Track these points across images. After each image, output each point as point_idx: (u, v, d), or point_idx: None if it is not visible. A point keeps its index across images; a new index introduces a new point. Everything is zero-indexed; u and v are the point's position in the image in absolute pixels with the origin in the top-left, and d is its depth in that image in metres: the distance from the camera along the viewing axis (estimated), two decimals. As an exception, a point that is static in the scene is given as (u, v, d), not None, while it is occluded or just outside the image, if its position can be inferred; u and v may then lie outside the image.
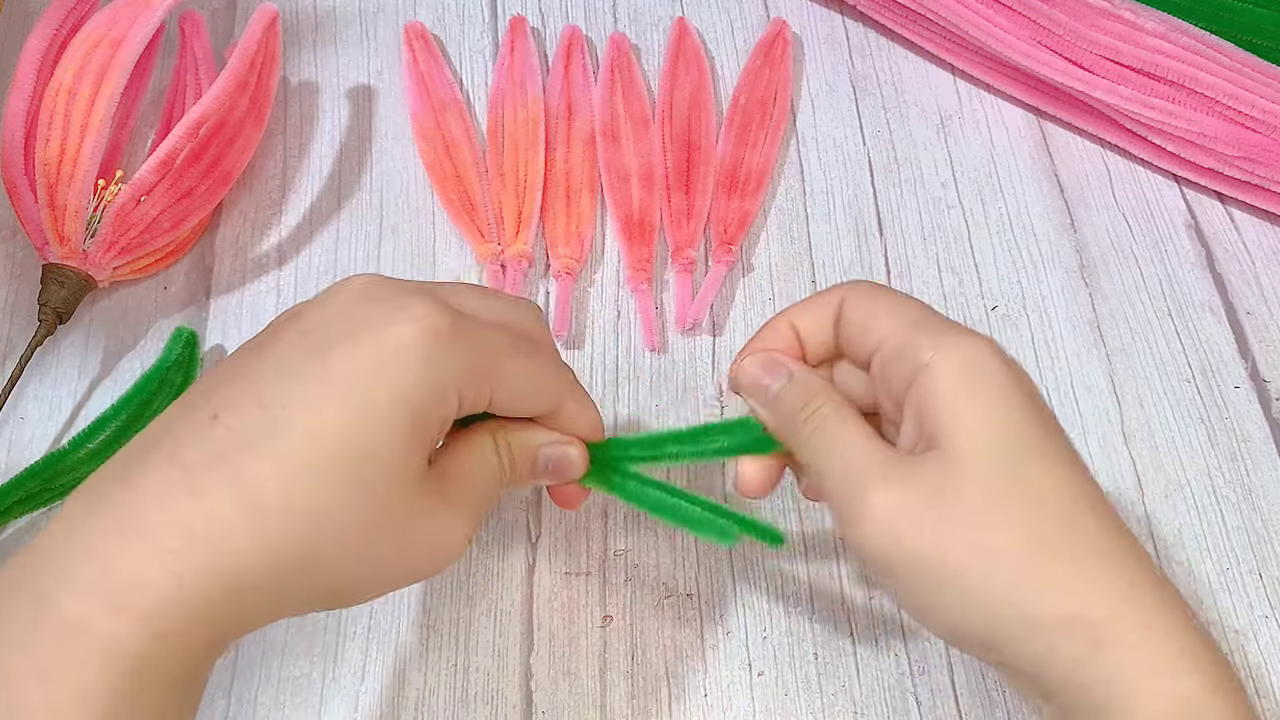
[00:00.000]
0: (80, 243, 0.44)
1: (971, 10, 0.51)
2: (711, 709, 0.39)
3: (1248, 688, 0.40)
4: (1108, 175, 0.52)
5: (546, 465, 0.34)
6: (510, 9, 0.56)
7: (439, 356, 0.29)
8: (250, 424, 0.28)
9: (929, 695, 0.40)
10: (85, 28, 0.46)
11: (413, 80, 0.53)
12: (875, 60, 0.55)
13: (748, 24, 0.56)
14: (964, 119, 0.54)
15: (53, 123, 0.44)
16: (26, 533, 0.42)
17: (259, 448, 0.28)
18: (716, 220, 0.49)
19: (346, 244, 0.49)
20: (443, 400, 0.30)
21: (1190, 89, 0.48)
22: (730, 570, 0.42)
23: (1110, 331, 0.48)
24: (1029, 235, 0.50)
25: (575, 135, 0.51)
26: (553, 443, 0.34)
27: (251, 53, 0.48)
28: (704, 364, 0.46)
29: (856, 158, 0.52)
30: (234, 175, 0.49)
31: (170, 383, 0.44)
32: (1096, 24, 0.48)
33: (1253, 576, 0.42)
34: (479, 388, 0.31)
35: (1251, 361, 0.47)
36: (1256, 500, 0.44)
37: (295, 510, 0.28)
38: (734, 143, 0.51)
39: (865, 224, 0.50)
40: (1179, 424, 0.45)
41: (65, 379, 0.45)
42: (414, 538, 0.30)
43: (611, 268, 0.49)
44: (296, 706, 0.39)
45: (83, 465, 0.42)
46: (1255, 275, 0.49)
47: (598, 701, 0.39)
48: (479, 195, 0.49)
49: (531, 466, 0.34)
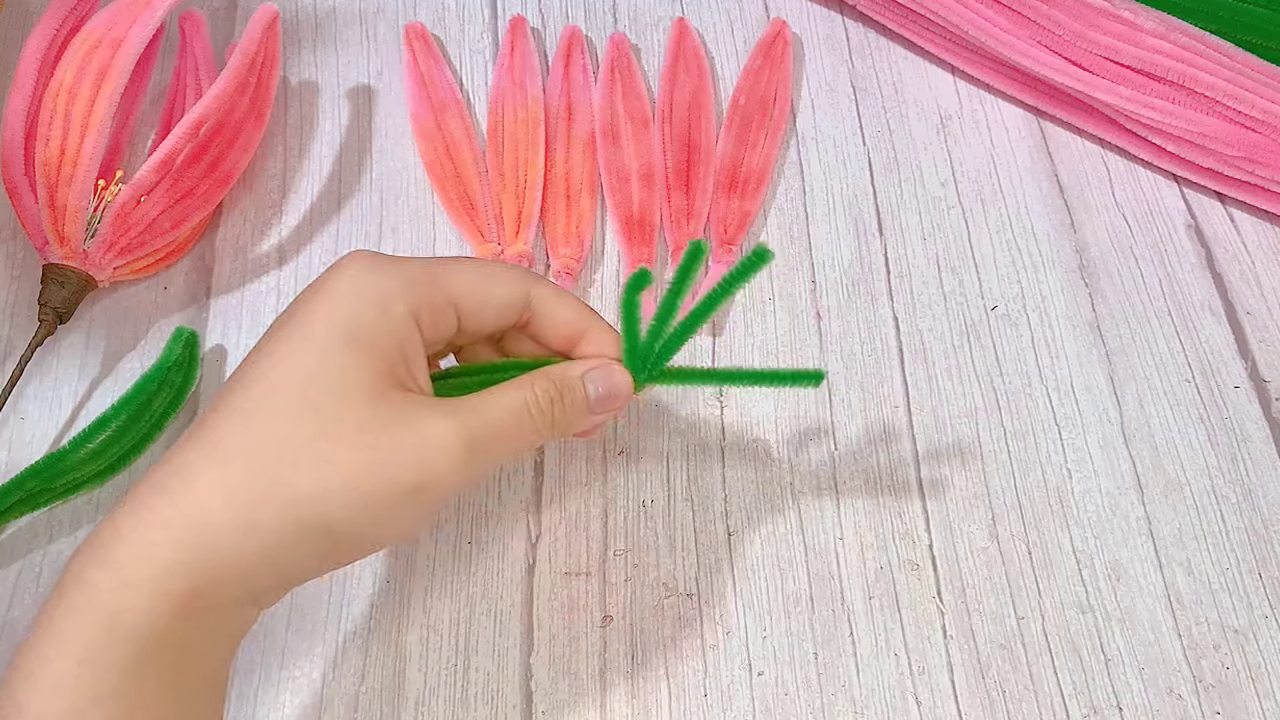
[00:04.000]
0: (80, 243, 0.44)
1: (971, 10, 0.51)
2: (711, 709, 0.39)
3: (1247, 688, 0.40)
4: (1108, 175, 0.52)
5: (597, 391, 0.35)
6: (510, 9, 0.56)
7: (367, 273, 0.32)
8: (223, 392, 0.31)
9: (929, 695, 0.40)
10: (85, 28, 0.46)
11: (413, 80, 0.53)
12: (875, 60, 0.55)
13: (748, 24, 0.56)
14: (964, 119, 0.54)
15: (53, 123, 0.44)
16: (27, 532, 0.42)
17: (220, 404, 0.31)
18: (716, 220, 0.49)
19: (346, 244, 0.49)
20: (385, 312, 0.31)
21: (1190, 89, 0.48)
22: (730, 570, 0.42)
23: (1110, 331, 0.48)
24: (1029, 235, 0.50)
25: (575, 135, 0.51)
26: (590, 367, 0.35)
27: (251, 53, 0.48)
28: (704, 364, 0.46)
29: (856, 158, 0.52)
30: (234, 175, 0.49)
31: (170, 383, 0.44)
32: (1096, 24, 0.48)
33: (1253, 576, 0.42)
34: (433, 295, 0.33)
35: (1251, 361, 0.47)
36: (1256, 500, 0.44)
37: (249, 442, 0.29)
38: (734, 143, 0.51)
39: (865, 224, 0.50)
40: (1179, 424, 0.45)
41: (65, 379, 0.45)
42: (373, 446, 0.30)
43: (611, 268, 0.49)
44: (296, 706, 0.39)
45: (83, 465, 0.42)
46: (1255, 275, 0.49)
47: (598, 701, 0.39)
48: (479, 195, 0.49)
49: (584, 398, 0.34)
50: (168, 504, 0.29)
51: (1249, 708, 0.39)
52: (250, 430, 0.30)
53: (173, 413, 0.44)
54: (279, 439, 0.30)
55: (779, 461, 0.44)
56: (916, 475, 0.44)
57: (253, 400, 0.30)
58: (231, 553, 0.29)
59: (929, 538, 0.43)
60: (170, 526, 0.29)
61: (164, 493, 0.29)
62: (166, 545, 0.28)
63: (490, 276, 0.35)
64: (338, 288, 0.32)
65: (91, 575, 0.28)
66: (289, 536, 0.29)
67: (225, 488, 0.29)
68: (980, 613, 0.41)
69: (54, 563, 0.41)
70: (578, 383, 0.34)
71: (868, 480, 0.44)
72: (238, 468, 0.29)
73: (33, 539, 0.42)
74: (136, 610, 0.28)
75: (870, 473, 0.44)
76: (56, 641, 0.28)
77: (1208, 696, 0.40)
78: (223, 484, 0.29)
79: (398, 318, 0.32)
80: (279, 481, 0.29)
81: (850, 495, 0.43)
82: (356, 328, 0.31)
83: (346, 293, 0.32)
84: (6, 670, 0.28)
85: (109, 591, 0.28)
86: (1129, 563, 0.42)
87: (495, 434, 0.32)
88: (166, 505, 0.29)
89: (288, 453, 0.29)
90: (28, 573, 0.41)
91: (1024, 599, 0.41)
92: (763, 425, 0.45)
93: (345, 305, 0.31)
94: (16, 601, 0.41)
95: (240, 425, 0.30)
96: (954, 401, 0.46)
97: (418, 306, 0.32)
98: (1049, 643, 0.41)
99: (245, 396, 0.30)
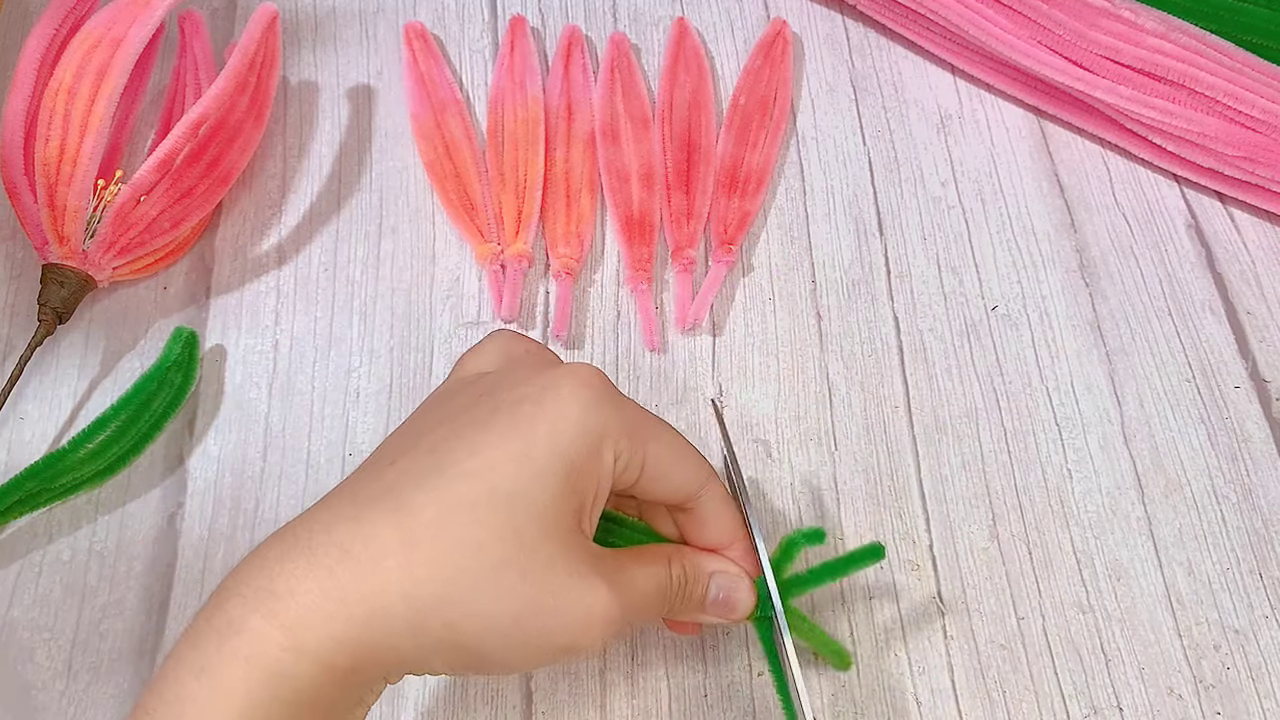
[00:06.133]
0: (80, 243, 0.44)
1: (971, 10, 0.51)
2: (711, 709, 0.39)
3: (1248, 688, 0.40)
4: (1108, 175, 0.52)
5: (718, 595, 0.35)
6: (510, 9, 0.56)
7: (595, 408, 0.31)
8: (419, 466, 0.30)
9: (929, 695, 0.40)
10: (85, 27, 0.46)
11: (413, 80, 0.53)
12: (875, 60, 0.55)
13: (748, 24, 0.56)
14: (964, 119, 0.54)
15: (52, 122, 0.44)
16: (26, 532, 0.42)
17: (422, 484, 0.29)
18: (716, 220, 0.49)
19: (346, 244, 0.49)
20: (596, 452, 0.31)
21: (1190, 89, 0.48)
22: (730, 570, 0.42)
23: (1110, 331, 0.48)
24: (1029, 235, 0.50)
25: (575, 135, 0.51)
26: (725, 571, 0.35)
27: (251, 53, 0.48)
28: (704, 364, 0.46)
29: (856, 158, 0.52)
30: (234, 175, 0.49)
31: (170, 383, 0.44)
32: (1096, 24, 0.48)
33: (1253, 576, 0.42)
34: (632, 449, 0.32)
35: (1251, 361, 0.47)
36: (1256, 500, 0.44)
37: (444, 541, 0.29)
38: (734, 143, 0.51)
39: (865, 224, 0.50)
40: (1179, 424, 0.45)
41: (65, 379, 0.45)
42: (551, 594, 0.30)
43: (611, 268, 0.49)
44: (296, 707, 0.39)
45: (83, 465, 0.42)
46: (1255, 275, 0.49)
47: (598, 701, 0.39)
48: (479, 195, 0.49)
49: (703, 595, 0.35)
50: (351, 576, 0.28)
51: (1249, 708, 0.39)
52: (448, 530, 0.29)
53: (172, 413, 0.44)
54: (473, 550, 0.29)
55: (779, 461, 0.44)
56: (916, 475, 0.44)
57: (457, 498, 0.29)
58: (394, 644, 0.28)
59: (929, 538, 0.43)
60: (349, 605, 0.28)
61: (348, 560, 0.28)
62: (341, 620, 0.28)
63: (682, 456, 0.34)
64: (569, 412, 0.31)
65: (259, 627, 0.27)
66: (445, 647, 0.29)
67: (410, 580, 0.28)
68: (980, 613, 0.41)
69: (54, 563, 0.41)
70: (706, 578, 0.35)
71: (868, 480, 0.44)
72: (425, 562, 0.28)
73: (33, 539, 0.42)
74: (302, 677, 0.27)
75: (870, 473, 0.44)
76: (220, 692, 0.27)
77: (1208, 696, 0.40)
78: (408, 575, 0.28)
79: (605, 463, 0.31)
80: (457, 597, 0.29)
81: (850, 495, 0.43)
82: (574, 461, 0.30)
83: (576, 422, 0.30)
84: (147, 694, 0.28)
85: (279, 650, 0.27)
86: (1129, 563, 0.42)
87: (641, 608, 0.33)
88: (350, 577, 0.28)
89: (476, 570, 0.29)
90: (28, 573, 0.41)
91: (1024, 599, 0.41)
92: (763, 425, 0.45)
93: (570, 434, 0.30)
94: (16, 601, 0.41)
95: (442, 517, 0.29)
96: (954, 401, 0.46)
97: (620, 457, 0.32)
98: (1049, 643, 0.41)
99: (450, 491, 0.29)
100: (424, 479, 0.30)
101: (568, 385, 0.31)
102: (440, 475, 0.30)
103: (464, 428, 0.31)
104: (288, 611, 0.28)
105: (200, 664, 0.27)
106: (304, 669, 0.27)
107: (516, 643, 0.30)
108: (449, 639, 0.29)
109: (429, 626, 0.29)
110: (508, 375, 0.33)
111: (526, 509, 0.29)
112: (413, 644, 0.29)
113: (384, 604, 0.28)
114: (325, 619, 0.28)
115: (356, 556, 0.28)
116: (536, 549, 0.29)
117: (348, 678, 0.28)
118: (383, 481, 0.30)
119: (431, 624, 0.29)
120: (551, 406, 0.31)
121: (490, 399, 0.32)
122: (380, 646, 0.28)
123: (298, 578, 0.28)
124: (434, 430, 0.31)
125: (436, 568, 0.28)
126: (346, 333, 0.47)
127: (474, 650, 0.29)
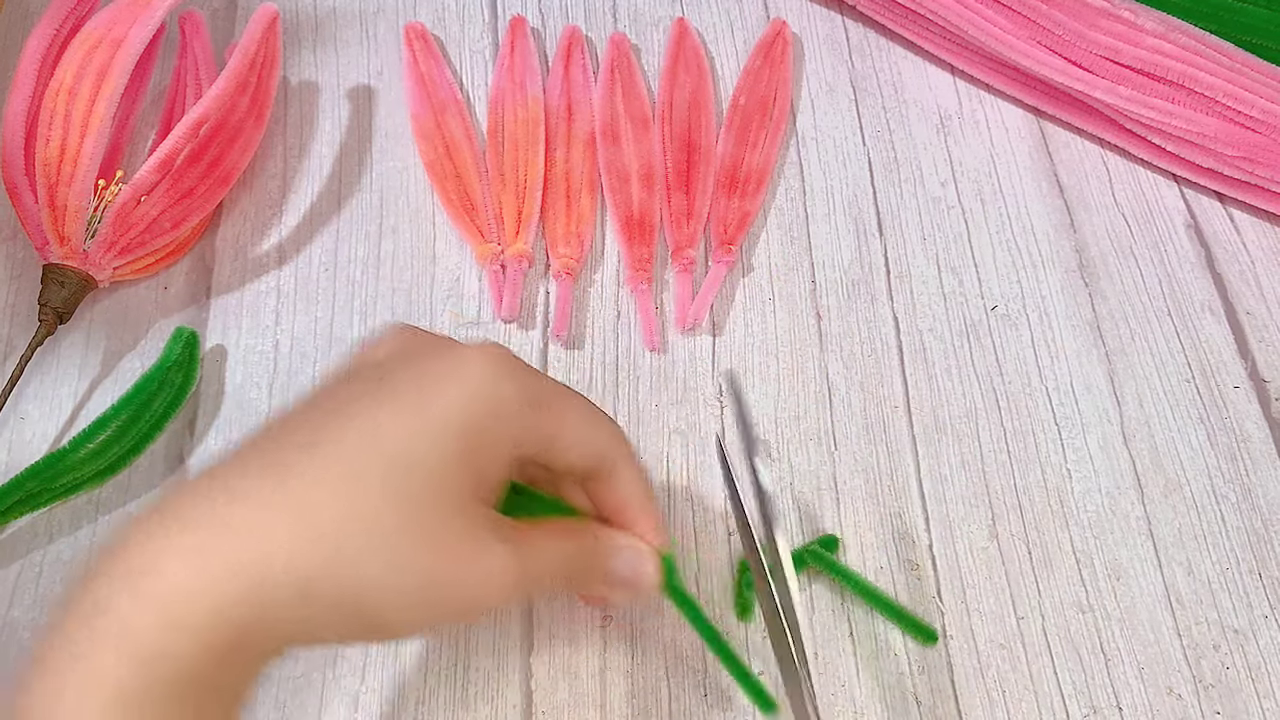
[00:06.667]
0: (80, 243, 0.44)
1: (971, 10, 0.51)
2: (711, 709, 0.39)
3: (1247, 687, 0.40)
4: (1108, 175, 0.52)
5: (623, 569, 0.35)
6: (510, 9, 0.56)
7: (496, 380, 0.31)
8: (310, 438, 0.29)
9: (929, 695, 0.40)
10: (85, 28, 0.46)
11: (413, 80, 0.53)
12: (875, 60, 0.55)
13: (748, 24, 0.56)
14: (964, 119, 0.54)
15: (53, 123, 0.44)
16: (26, 532, 0.42)
17: (313, 453, 0.29)
18: (716, 220, 0.49)
19: (346, 244, 0.49)
20: (497, 420, 0.30)
21: (1189, 89, 0.48)
22: (730, 571, 0.42)
23: (1110, 331, 0.48)
24: (1029, 235, 0.50)
25: (575, 135, 0.51)
26: (631, 547, 0.35)
27: (251, 53, 0.48)
28: (704, 364, 0.46)
29: (856, 158, 0.52)
30: (234, 175, 0.49)
31: (170, 383, 0.44)
32: (1096, 24, 0.48)
33: (1253, 576, 0.42)
34: (539, 417, 0.32)
35: (1251, 361, 0.47)
36: (1256, 500, 0.44)
37: (334, 509, 0.28)
38: (734, 143, 0.51)
39: (865, 224, 0.50)
40: (1179, 424, 0.45)
41: (65, 379, 0.45)
42: (448, 557, 0.29)
43: (611, 268, 0.49)
44: (296, 706, 0.39)
45: (83, 465, 0.42)
46: (1255, 275, 0.49)
47: (598, 701, 0.39)
48: (479, 195, 0.49)
49: (607, 569, 0.34)
50: (232, 548, 0.27)
51: (1249, 708, 0.39)
52: (339, 497, 0.28)
53: (173, 413, 0.44)
54: (365, 516, 0.28)
55: (779, 461, 0.44)
56: (916, 475, 0.44)
57: (347, 464, 0.29)
58: (281, 615, 0.28)
59: (929, 538, 0.43)
60: (228, 577, 0.27)
61: (227, 532, 0.27)
62: (220, 593, 0.27)
63: (593, 422, 0.34)
64: (468, 383, 0.30)
65: (123, 606, 0.26)
66: (338, 614, 0.28)
67: (298, 549, 0.27)
68: (980, 613, 0.41)
69: (54, 563, 0.41)
70: (611, 551, 0.35)
71: (868, 480, 0.44)
72: (314, 531, 0.28)
73: (33, 539, 0.42)
74: (180, 656, 0.26)
75: (870, 473, 0.44)
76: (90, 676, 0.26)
77: (1207, 696, 0.40)
78: (296, 545, 0.27)
79: (508, 431, 0.31)
80: (348, 561, 0.28)
81: (850, 495, 0.43)
82: (471, 428, 0.30)
83: (474, 391, 0.30)
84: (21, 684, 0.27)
85: (149, 630, 0.26)
86: (1129, 563, 0.42)
87: (541, 576, 0.32)
88: (230, 549, 0.27)
89: (369, 536, 0.28)
90: (28, 573, 0.41)
91: (1024, 599, 0.41)
92: (763, 425, 0.45)
93: (467, 402, 0.30)
94: (17, 601, 0.41)
95: (329, 485, 0.28)
96: (953, 401, 0.46)
97: (527, 427, 0.31)
98: (1049, 642, 0.41)
99: (340, 458, 0.29)
100: (314, 449, 0.29)
101: (471, 360, 0.31)
102: (332, 445, 0.29)
103: (358, 400, 0.30)
104: (157, 592, 0.26)
105: (65, 648, 0.26)
106: (182, 648, 0.26)
107: (414, 605, 0.29)
108: (343, 607, 0.28)
109: (320, 596, 0.28)
110: (408, 358, 0.32)
111: (423, 476, 0.29)
112: (302, 614, 0.28)
113: (269, 574, 0.27)
114: (201, 593, 0.27)
115: (236, 528, 0.27)
116: (431, 514, 0.29)
117: (233, 653, 0.27)
118: (268, 453, 0.29)
119: (323, 593, 0.28)
120: (451, 379, 0.30)
121: (390, 378, 0.31)
122: (266, 619, 0.27)
123: (171, 553, 0.27)
124: (330, 397, 0.31)
125: (327, 536, 0.28)
126: (347, 333, 0.47)
127: (370, 617, 0.29)
